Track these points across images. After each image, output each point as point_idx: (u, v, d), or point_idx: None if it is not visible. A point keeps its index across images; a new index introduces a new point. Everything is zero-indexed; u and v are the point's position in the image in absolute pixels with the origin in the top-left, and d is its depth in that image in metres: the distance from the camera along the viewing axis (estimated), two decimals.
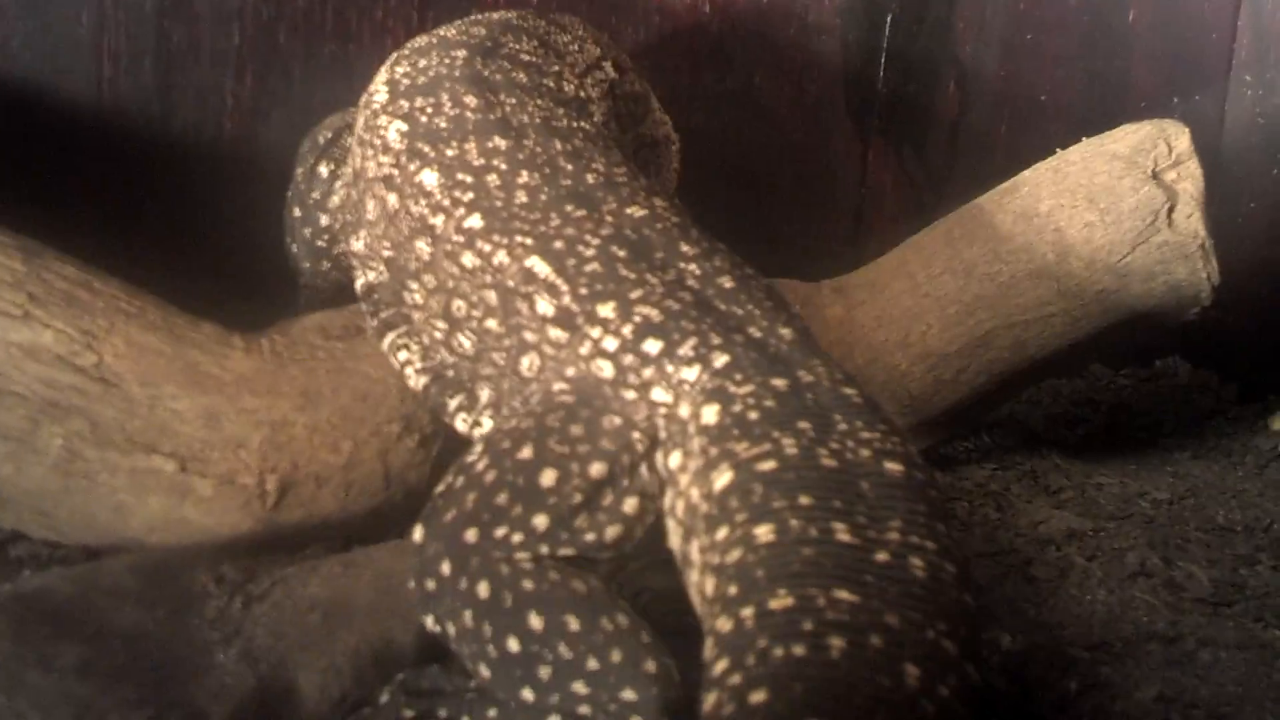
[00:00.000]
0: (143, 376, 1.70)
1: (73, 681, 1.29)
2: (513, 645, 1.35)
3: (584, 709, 1.34)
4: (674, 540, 1.43)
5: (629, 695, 1.33)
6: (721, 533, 1.29)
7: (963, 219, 2.15)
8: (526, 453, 1.43)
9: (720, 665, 1.18)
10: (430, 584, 1.40)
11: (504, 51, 1.94)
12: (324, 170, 2.00)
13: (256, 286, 2.09)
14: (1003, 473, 2.26)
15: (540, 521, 1.39)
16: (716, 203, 2.08)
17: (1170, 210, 1.98)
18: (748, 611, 1.19)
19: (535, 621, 1.34)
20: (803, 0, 2.66)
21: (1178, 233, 1.98)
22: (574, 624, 1.34)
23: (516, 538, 1.39)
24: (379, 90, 1.87)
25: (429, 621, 1.42)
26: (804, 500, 1.26)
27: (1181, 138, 2.02)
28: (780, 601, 1.18)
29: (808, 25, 2.68)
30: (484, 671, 1.38)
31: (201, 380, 1.73)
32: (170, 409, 1.70)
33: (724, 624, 1.21)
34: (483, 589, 1.36)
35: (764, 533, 1.25)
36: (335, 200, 1.98)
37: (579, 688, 1.34)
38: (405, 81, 1.85)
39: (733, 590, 1.23)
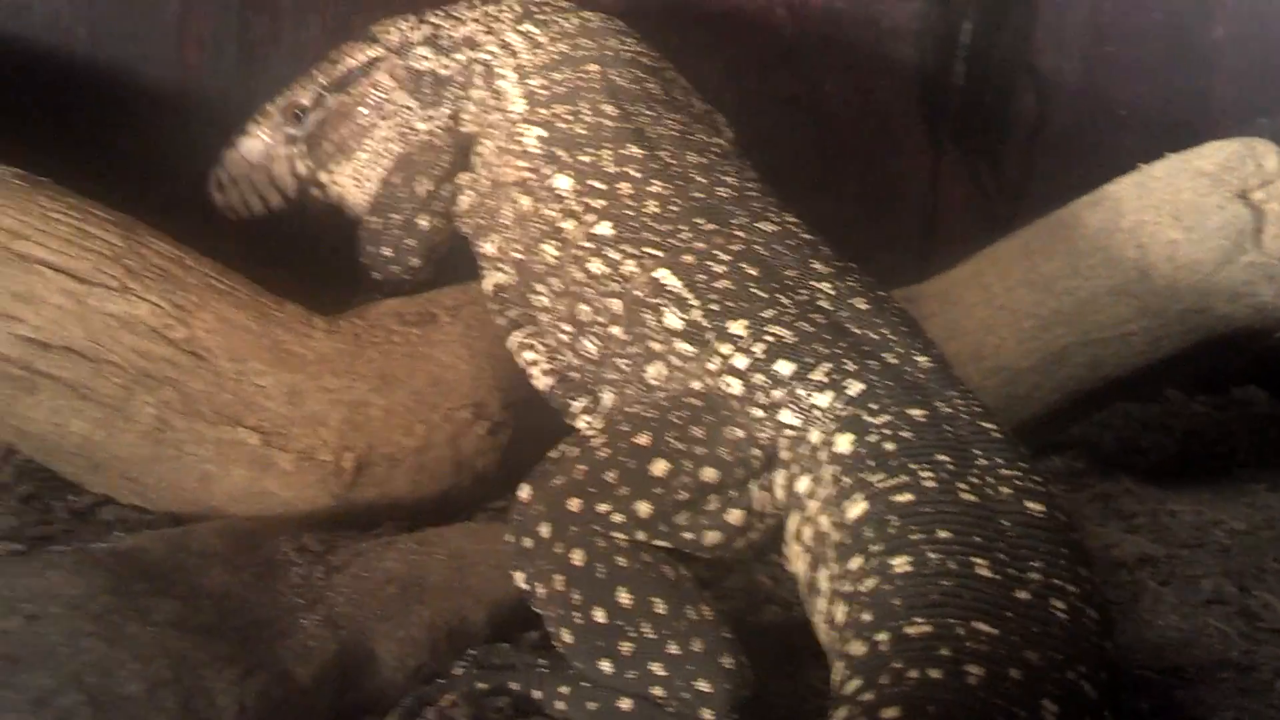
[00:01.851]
0: (231, 351, 1.74)
1: (169, 635, 1.32)
2: (599, 616, 1.37)
3: (657, 690, 1.36)
4: (798, 565, 1.45)
5: (703, 686, 1.35)
6: (855, 562, 1.30)
7: (1042, 231, 2.13)
8: (644, 439, 1.45)
9: (852, 685, 1.19)
10: (527, 541, 1.43)
11: (634, 62, 1.98)
12: (422, 188, 2.02)
13: (327, 270, 2.10)
14: (1074, 494, 2.24)
15: (643, 508, 1.42)
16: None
17: (1258, 230, 1.95)
18: (883, 636, 1.21)
19: (624, 597, 1.37)
20: (878, 5, 2.65)
21: (1265, 253, 1.95)
22: (661, 606, 1.37)
23: (617, 517, 1.41)
24: (516, 101, 1.90)
25: (519, 578, 1.44)
26: (942, 534, 1.27)
27: (1270, 157, 1.99)
28: (918, 629, 1.19)
29: (882, 31, 2.68)
30: (566, 637, 1.41)
31: (286, 358, 1.76)
32: (255, 384, 1.74)
33: (857, 648, 1.22)
34: (577, 557, 1.39)
35: (900, 564, 1.26)
36: (463, 204, 2.00)
37: (657, 669, 1.36)
38: (543, 93, 1.89)
39: (867, 617, 1.24)
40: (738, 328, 1.52)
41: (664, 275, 1.59)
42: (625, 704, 1.38)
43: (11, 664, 1.22)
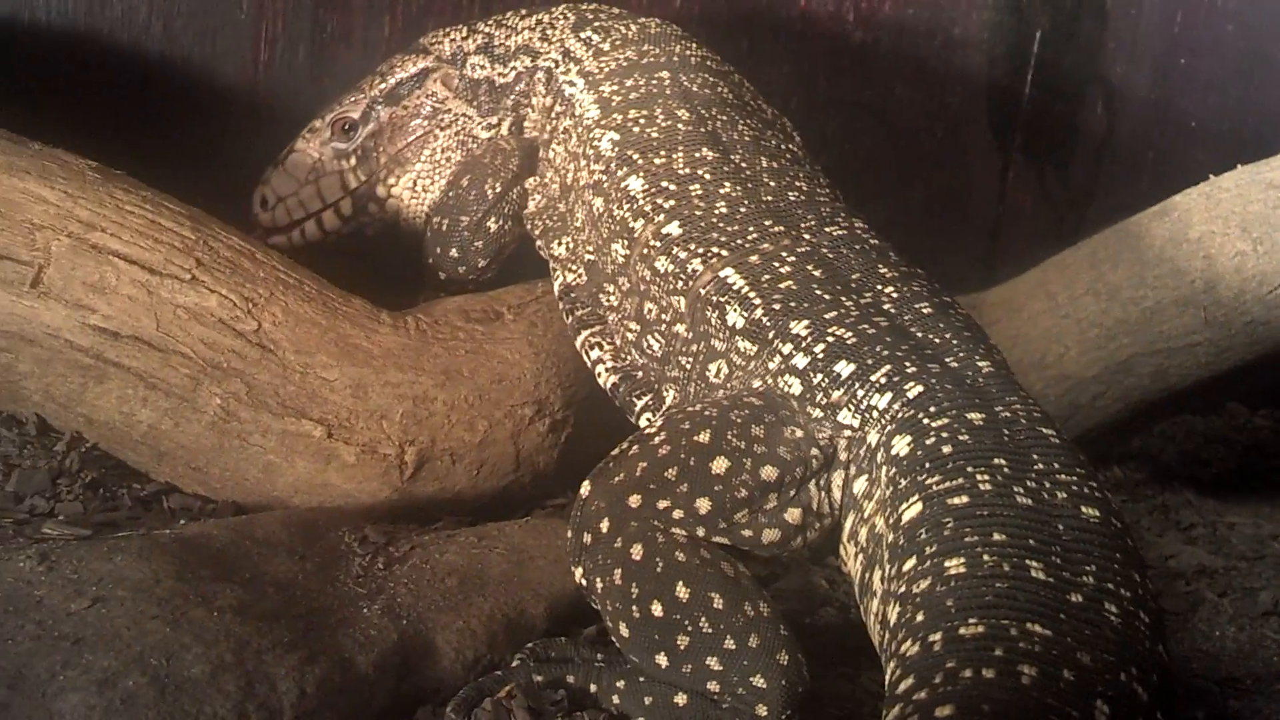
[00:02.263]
0: (298, 344, 1.76)
1: (232, 620, 1.34)
2: (656, 610, 1.38)
3: (713, 685, 1.37)
4: (853, 566, 1.46)
5: (759, 682, 1.35)
6: (909, 563, 1.31)
7: (1109, 240, 2.13)
8: (704, 437, 1.46)
9: (905, 684, 1.19)
10: (587, 537, 1.44)
11: (703, 66, 1.99)
12: (491, 191, 2.03)
13: (391, 267, 2.12)
14: (1134, 505, 2.23)
15: (702, 505, 1.42)
16: None
17: None
18: (936, 636, 1.21)
19: (682, 591, 1.37)
20: (949, 13, 2.65)
21: None
22: (718, 602, 1.37)
23: (677, 514, 1.42)
24: (588, 108, 1.91)
25: (578, 573, 1.46)
26: (997, 536, 1.27)
27: None
28: (971, 629, 1.20)
29: (953, 38, 2.67)
30: (623, 631, 1.41)
31: (351, 352, 1.78)
32: (321, 377, 1.76)
33: (910, 648, 1.23)
34: (636, 551, 1.40)
35: (955, 565, 1.26)
36: (531, 206, 2.03)
37: (713, 663, 1.37)
38: (617, 98, 1.90)
39: (920, 617, 1.25)
40: (799, 327, 1.52)
41: (729, 274, 1.60)
42: (680, 699, 1.39)
43: (77, 645, 1.24)
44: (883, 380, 1.46)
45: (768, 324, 1.55)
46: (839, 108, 2.62)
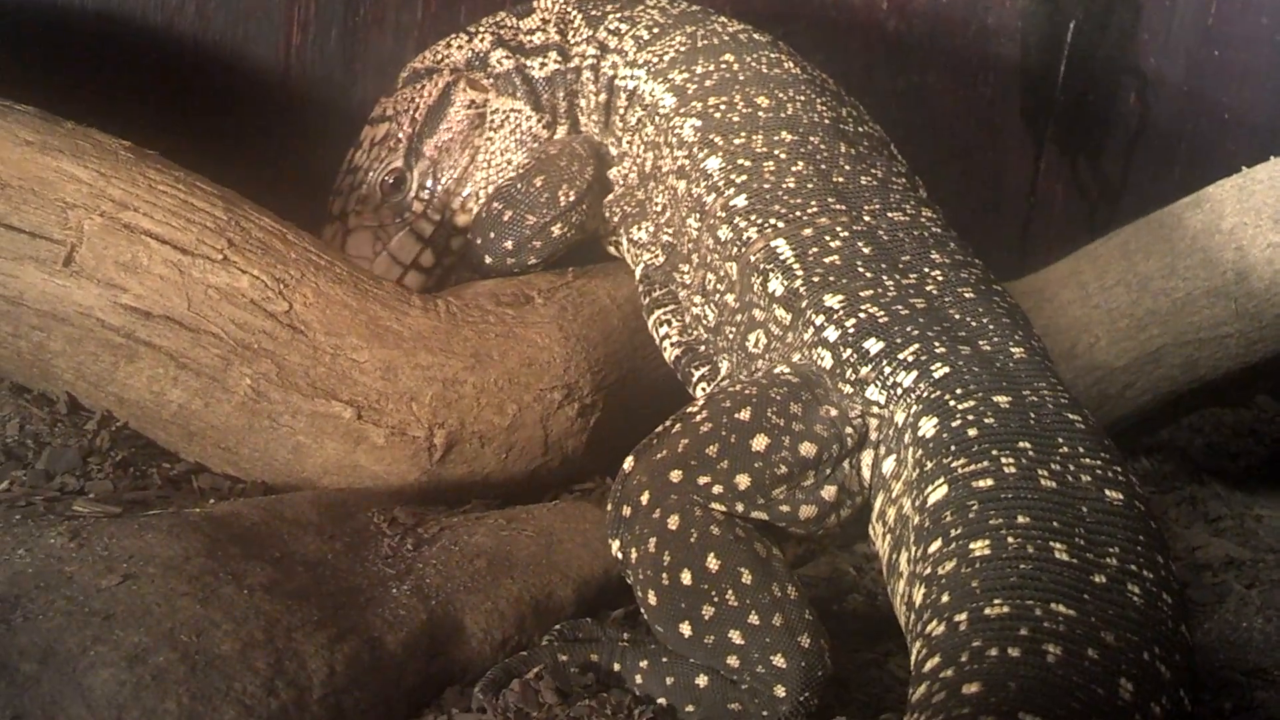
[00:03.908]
0: (328, 326, 1.76)
1: (262, 598, 1.35)
2: (685, 578, 1.40)
3: (733, 660, 1.39)
4: (881, 546, 1.47)
5: (779, 661, 1.37)
6: (935, 545, 1.32)
7: (1140, 231, 2.12)
8: (745, 414, 1.48)
9: (931, 662, 1.21)
10: (626, 509, 1.47)
11: (757, 44, 2.00)
12: (564, 198, 1.99)
13: None
14: (1161, 496, 2.23)
15: (742, 480, 1.45)
16: None
17: None
18: (962, 617, 1.23)
19: (713, 562, 1.40)
20: (983, 3, 2.64)
21: None
22: (747, 577, 1.40)
23: (717, 489, 1.44)
24: (664, 98, 1.92)
25: (614, 546, 1.49)
26: (1021, 519, 1.29)
27: None
28: (996, 610, 1.22)
29: (987, 27, 2.67)
30: (650, 599, 1.44)
31: (382, 334, 1.78)
32: (351, 359, 1.76)
33: (936, 628, 1.24)
34: (673, 521, 1.42)
35: (980, 547, 1.28)
36: (610, 195, 2.03)
37: (735, 637, 1.39)
38: (692, 86, 1.91)
39: (946, 598, 1.26)
40: (833, 300, 1.55)
41: (779, 244, 1.64)
42: (702, 680, 1.41)
43: (108, 621, 1.25)
44: (909, 359, 1.47)
45: (804, 293, 1.57)
46: (872, 96, 2.61)
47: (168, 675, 1.23)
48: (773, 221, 1.66)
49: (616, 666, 1.46)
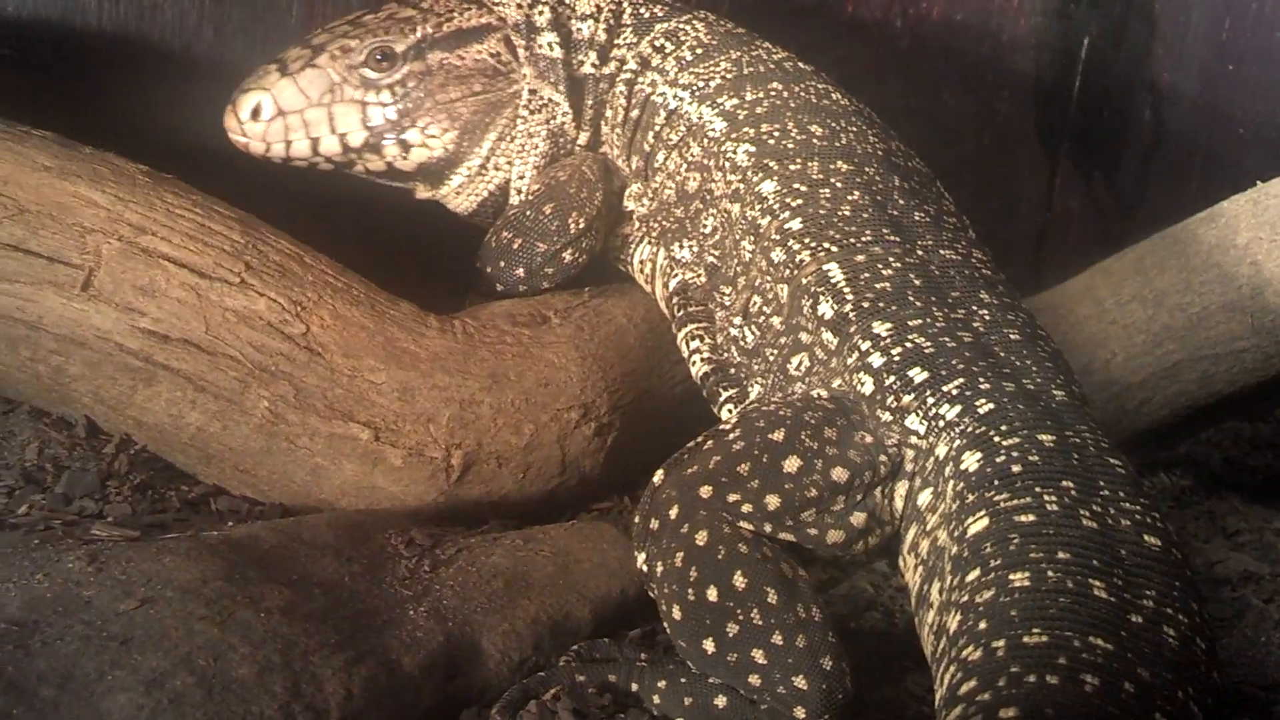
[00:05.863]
0: (346, 348, 1.77)
1: (280, 621, 1.35)
2: (711, 594, 1.40)
3: (754, 679, 1.39)
4: (912, 578, 1.48)
5: (800, 683, 1.37)
6: (973, 574, 1.33)
7: (1155, 246, 2.12)
8: (778, 435, 1.49)
9: (967, 686, 1.22)
10: (654, 523, 1.47)
11: (803, 74, 2.00)
12: (574, 225, 1.99)
13: (438, 271, 2.13)
14: (1180, 511, 2.22)
15: (772, 501, 1.46)
16: None
17: None
18: (1000, 643, 1.24)
19: (739, 580, 1.40)
20: (997, 18, 2.64)
21: None
22: (773, 597, 1.40)
23: (746, 508, 1.45)
24: (714, 121, 1.92)
25: (640, 559, 1.49)
26: (1062, 555, 1.30)
27: None
28: (1035, 638, 1.23)
29: (1001, 43, 2.66)
30: (675, 614, 1.44)
31: (399, 355, 1.79)
32: (369, 380, 1.77)
33: (972, 653, 1.25)
34: (701, 537, 1.43)
35: (1020, 579, 1.29)
36: (642, 209, 2.04)
37: (758, 656, 1.39)
38: (742, 112, 1.91)
39: (984, 625, 1.27)
40: (881, 328, 1.56)
41: (832, 268, 1.65)
42: (720, 700, 1.41)
43: (125, 645, 1.26)
44: (954, 392, 1.48)
45: (853, 318, 1.58)
46: (886, 113, 2.62)
47: (185, 699, 1.23)
48: (826, 246, 1.67)
49: (634, 687, 1.46)
